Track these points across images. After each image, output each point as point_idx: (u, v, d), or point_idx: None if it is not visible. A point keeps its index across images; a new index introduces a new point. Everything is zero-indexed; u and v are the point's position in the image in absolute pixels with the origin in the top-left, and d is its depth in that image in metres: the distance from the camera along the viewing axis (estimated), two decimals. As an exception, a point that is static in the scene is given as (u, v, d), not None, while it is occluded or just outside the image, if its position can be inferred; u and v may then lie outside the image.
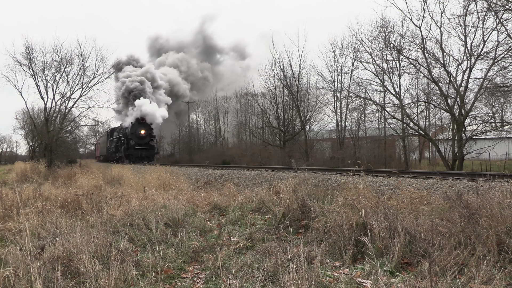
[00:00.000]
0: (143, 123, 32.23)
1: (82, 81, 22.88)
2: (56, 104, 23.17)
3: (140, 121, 32.10)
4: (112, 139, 38.36)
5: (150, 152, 32.86)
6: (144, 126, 32.22)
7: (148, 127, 32.48)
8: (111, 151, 38.31)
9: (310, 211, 5.22)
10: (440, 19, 16.15)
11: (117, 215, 5.70)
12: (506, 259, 3.23)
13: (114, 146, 36.77)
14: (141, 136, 32.09)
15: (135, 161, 31.18)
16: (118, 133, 36.29)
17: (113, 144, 37.26)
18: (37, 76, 22.21)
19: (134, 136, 32.01)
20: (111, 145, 38.36)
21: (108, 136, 40.55)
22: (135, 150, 31.88)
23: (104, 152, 43.07)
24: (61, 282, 2.93)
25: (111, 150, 38.29)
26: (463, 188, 5.41)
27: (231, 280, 3.06)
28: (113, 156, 37.15)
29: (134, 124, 32.08)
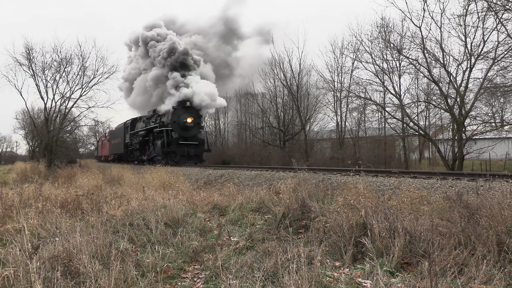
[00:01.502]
0: (188, 108, 21.57)
1: (82, 81, 22.91)
2: (56, 104, 23.21)
3: (184, 106, 21.55)
4: (134, 132, 27.65)
5: (199, 149, 22.26)
6: (191, 112, 21.66)
7: (196, 114, 21.89)
8: (132, 148, 28.30)
9: (310, 211, 5.22)
10: (440, 19, 16.15)
11: (117, 215, 5.69)
12: (506, 259, 3.23)
13: (139, 142, 26.36)
14: (187, 126, 21.47)
15: (179, 161, 21.24)
16: (146, 123, 25.54)
17: (137, 139, 26.85)
18: (37, 76, 22.24)
19: (176, 126, 21.45)
20: (133, 141, 28.04)
21: (126, 130, 29.53)
22: (179, 146, 21.44)
23: (118, 150, 32.18)
24: (61, 282, 2.93)
25: (133, 147, 28.11)
26: (463, 188, 5.41)
27: (231, 280, 3.06)
28: (135, 155, 27.88)
29: (176, 110, 21.40)
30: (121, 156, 32.33)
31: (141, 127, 26.54)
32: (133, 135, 28.13)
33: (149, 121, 25.09)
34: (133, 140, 28.04)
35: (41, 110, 27.22)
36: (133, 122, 28.81)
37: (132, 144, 28.42)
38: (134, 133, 27.84)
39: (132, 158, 29.04)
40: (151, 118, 24.91)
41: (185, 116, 21.44)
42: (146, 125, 25.30)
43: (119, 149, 32.03)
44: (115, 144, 33.94)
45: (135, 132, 27.58)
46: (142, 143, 26.02)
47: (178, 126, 21.45)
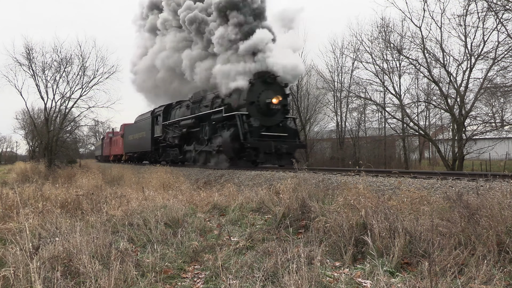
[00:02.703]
0: (272, 84, 14.17)
1: (82, 81, 22.86)
2: (56, 104, 23.17)
3: (265, 80, 14.05)
4: (172, 123, 19.68)
5: (291, 145, 14.11)
6: (275, 88, 14.19)
7: (282, 92, 14.41)
8: (167, 144, 20.45)
9: (310, 211, 5.22)
10: (441, 19, 16.18)
11: (117, 215, 5.69)
12: (506, 259, 3.23)
13: (179, 136, 18.73)
14: (272, 109, 14.03)
15: (263, 161, 13.64)
16: (193, 109, 17.55)
17: (176, 132, 19.14)
18: (37, 76, 22.20)
19: (253, 110, 13.92)
20: (168, 134, 20.23)
21: (156, 121, 22.09)
22: (261, 139, 13.63)
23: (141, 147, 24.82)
24: (61, 282, 2.93)
25: (168, 142, 20.26)
26: (463, 188, 5.41)
27: (231, 280, 3.06)
28: (171, 153, 20.44)
29: (254, 86, 14.00)
30: (144, 155, 25.60)
31: (182, 115, 18.50)
32: (169, 126, 20.11)
33: (197, 106, 17.09)
34: (168, 134, 20.13)
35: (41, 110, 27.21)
36: (167, 109, 20.73)
37: (166, 139, 20.44)
38: (171, 124, 19.75)
39: (166, 157, 21.14)
40: (201, 101, 17.00)
41: (267, 94, 13.65)
42: (192, 111, 17.30)
43: (142, 146, 24.23)
44: (136, 140, 25.90)
45: (173, 123, 19.36)
46: (184, 137, 18.24)
47: (257, 109, 13.61)
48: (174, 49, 19.84)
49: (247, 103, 13.71)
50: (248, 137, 13.21)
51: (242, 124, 13.43)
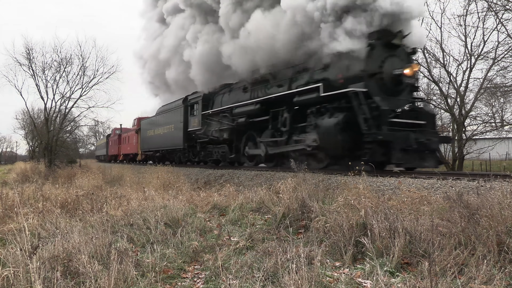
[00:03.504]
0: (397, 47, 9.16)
1: (82, 81, 22.87)
2: (56, 104, 23.17)
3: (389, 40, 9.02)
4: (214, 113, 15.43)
5: (436, 138, 9.01)
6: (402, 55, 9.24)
7: (410, 60, 9.43)
8: (206, 140, 16.39)
9: (310, 211, 5.22)
10: (441, 19, 16.26)
11: (117, 215, 5.69)
12: (506, 259, 3.22)
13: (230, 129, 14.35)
14: (401, 84, 9.14)
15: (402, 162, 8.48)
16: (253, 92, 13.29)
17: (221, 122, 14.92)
18: (37, 76, 22.20)
19: (374, 86, 8.82)
20: (212, 128, 15.66)
21: (191, 110, 17.60)
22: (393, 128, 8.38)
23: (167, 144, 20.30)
24: (61, 282, 2.92)
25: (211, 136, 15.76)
26: (463, 188, 5.41)
27: (231, 280, 3.06)
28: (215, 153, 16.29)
29: (375, 48, 8.97)
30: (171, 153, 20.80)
31: (235, 100, 14.04)
32: (212, 117, 15.41)
33: (263, 87, 12.71)
34: (211, 126, 15.54)
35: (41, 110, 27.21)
36: (209, 95, 16.20)
37: (208, 133, 15.79)
38: (216, 114, 15.10)
39: (206, 156, 16.99)
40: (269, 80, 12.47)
41: (393, 62, 9.17)
42: (254, 94, 13.08)
43: (170, 143, 19.67)
44: (159, 135, 21.29)
45: (220, 112, 14.77)
46: (240, 130, 13.79)
47: (378, 84, 9.03)
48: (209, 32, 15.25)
49: (366, 76, 8.92)
50: (372, 125, 8.27)
51: (361, 106, 8.49)
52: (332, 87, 9.62)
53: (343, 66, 9.59)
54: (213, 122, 15.54)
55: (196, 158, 18.35)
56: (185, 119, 18.14)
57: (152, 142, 23.11)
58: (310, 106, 10.25)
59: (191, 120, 17.60)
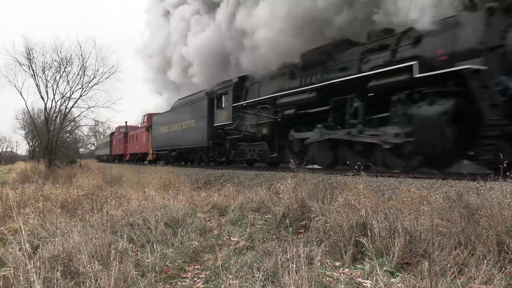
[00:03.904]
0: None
1: (82, 81, 22.84)
2: (56, 104, 23.17)
3: None
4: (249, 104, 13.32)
5: None
6: None
7: None
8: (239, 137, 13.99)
9: (310, 211, 5.22)
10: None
11: (117, 215, 5.70)
12: (506, 259, 3.22)
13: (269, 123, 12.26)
14: None
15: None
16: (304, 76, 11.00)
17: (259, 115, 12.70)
18: (37, 76, 22.19)
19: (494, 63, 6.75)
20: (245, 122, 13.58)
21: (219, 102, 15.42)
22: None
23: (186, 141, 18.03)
24: (61, 282, 2.93)
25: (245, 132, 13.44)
26: (463, 188, 5.40)
27: (231, 280, 3.06)
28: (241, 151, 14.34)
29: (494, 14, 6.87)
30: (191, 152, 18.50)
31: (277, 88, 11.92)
32: (247, 109, 13.36)
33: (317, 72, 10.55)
34: (245, 120, 13.40)
35: (41, 110, 27.18)
36: (241, 84, 14.01)
37: (241, 128, 13.55)
38: (253, 105, 13.03)
39: (238, 156, 14.42)
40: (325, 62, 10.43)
41: None
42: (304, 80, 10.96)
43: (190, 140, 17.32)
44: (176, 132, 18.99)
45: (258, 103, 12.64)
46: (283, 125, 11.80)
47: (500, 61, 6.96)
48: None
49: (484, 50, 6.94)
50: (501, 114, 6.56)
51: (484, 88, 6.70)
52: (428, 66, 7.55)
53: (447, 38, 7.46)
54: (248, 116, 13.21)
55: (223, 158, 15.74)
56: (209, 113, 15.84)
57: (166, 140, 20.65)
58: (395, 91, 8.14)
59: (218, 114, 15.18)
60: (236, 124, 13.92)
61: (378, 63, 8.87)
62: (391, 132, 8.17)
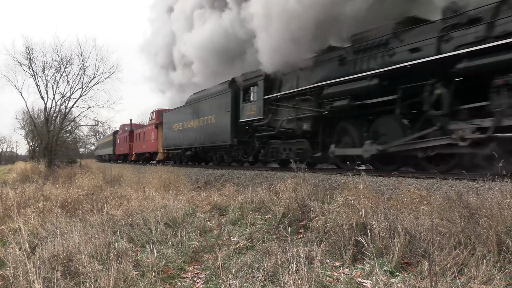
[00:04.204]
0: None
1: (82, 81, 22.89)
2: (56, 104, 23.20)
3: None
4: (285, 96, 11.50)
5: None
6: None
7: None
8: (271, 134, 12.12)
9: (310, 211, 5.22)
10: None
11: (117, 215, 5.70)
12: (506, 259, 3.23)
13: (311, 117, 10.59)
14: None
15: None
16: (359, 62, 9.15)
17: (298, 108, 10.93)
18: (37, 76, 22.23)
19: None
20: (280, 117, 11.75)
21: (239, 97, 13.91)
22: None
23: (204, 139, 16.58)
24: (60, 282, 2.93)
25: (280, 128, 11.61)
26: (463, 188, 5.40)
27: (231, 280, 3.06)
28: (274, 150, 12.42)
29: None
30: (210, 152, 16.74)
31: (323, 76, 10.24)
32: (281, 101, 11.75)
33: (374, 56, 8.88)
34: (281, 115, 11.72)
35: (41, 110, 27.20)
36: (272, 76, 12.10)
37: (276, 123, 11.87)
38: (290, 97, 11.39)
39: (270, 155, 12.64)
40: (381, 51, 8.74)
41: None
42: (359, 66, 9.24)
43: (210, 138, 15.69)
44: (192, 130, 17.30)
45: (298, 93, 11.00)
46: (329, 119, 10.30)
47: None
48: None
49: None
50: None
51: None
52: None
53: None
54: (283, 109, 11.46)
55: (250, 158, 13.88)
56: (234, 107, 14.08)
57: (179, 138, 18.80)
58: (497, 74, 6.71)
59: (245, 108, 13.33)
60: (269, 119, 12.06)
61: (467, 41, 7.19)
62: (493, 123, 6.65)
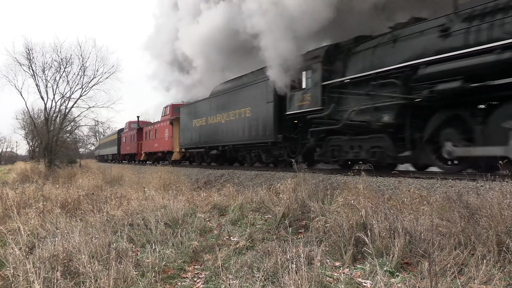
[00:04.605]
0: None
1: (82, 81, 22.90)
2: (56, 104, 23.21)
3: None
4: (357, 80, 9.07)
5: None
6: None
7: None
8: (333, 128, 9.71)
9: (310, 211, 5.22)
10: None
11: (117, 215, 5.70)
12: (506, 259, 3.22)
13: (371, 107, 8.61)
14: None
15: None
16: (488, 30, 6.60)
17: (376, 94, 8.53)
18: (37, 76, 22.23)
19: None
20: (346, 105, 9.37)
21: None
22: None
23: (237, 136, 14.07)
24: (60, 282, 2.93)
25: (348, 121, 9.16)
26: (463, 188, 5.41)
27: (231, 280, 3.06)
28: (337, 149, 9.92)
29: None
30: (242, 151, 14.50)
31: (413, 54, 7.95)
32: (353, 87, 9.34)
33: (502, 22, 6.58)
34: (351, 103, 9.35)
35: (41, 110, 27.23)
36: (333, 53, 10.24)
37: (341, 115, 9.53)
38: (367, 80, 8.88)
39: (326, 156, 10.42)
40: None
41: None
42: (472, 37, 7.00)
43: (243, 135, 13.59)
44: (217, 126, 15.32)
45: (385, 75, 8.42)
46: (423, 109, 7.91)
47: None
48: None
49: None
50: None
51: None
52: None
53: None
54: (351, 97, 9.30)
55: (300, 158, 11.25)
56: (276, 97, 11.92)
57: (202, 135, 16.49)
58: None
59: (294, 98, 11.10)
60: (330, 110, 9.72)
61: None
62: None
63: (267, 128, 12.35)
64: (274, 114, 12.05)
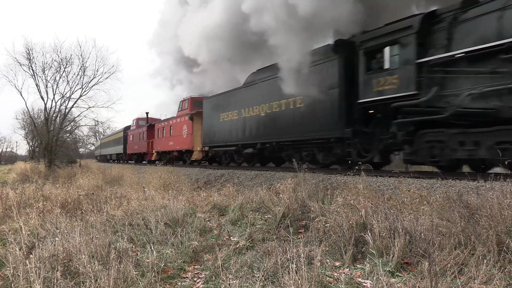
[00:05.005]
0: None
1: (82, 81, 22.90)
2: (56, 104, 23.21)
3: None
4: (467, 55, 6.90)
5: None
6: None
7: None
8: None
9: (310, 211, 5.22)
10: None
11: (117, 215, 5.70)
12: (506, 259, 3.22)
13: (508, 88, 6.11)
14: None
15: None
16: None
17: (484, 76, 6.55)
18: (37, 76, 22.23)
19: None
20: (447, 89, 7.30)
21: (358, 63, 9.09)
22: None
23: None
24: (61, 282, 2.93)
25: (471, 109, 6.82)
26: (463, 188, 5.41)
27: (231, 280, 3.06)
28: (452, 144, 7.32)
29: None
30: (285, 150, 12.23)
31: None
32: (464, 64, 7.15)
33: None
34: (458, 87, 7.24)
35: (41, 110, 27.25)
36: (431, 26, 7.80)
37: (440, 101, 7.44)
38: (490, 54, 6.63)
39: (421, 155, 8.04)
40: None
41: None
42: None
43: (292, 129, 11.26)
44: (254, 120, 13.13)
45: None
46: None
47: None
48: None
49: None
50: None
51: None
52: None
53: None
54: (463, 78, 7.26)
55: (377, 157, 9.34)
56: (344, 81, 9.63)
57: (233, 131, 14.27)
58: None
59: (372, 82, 8.90)
60: (431, 96, 7.65)
61: None
62: None
63: (328, 120, 9.91)
64: (339, 104, 9.59)
